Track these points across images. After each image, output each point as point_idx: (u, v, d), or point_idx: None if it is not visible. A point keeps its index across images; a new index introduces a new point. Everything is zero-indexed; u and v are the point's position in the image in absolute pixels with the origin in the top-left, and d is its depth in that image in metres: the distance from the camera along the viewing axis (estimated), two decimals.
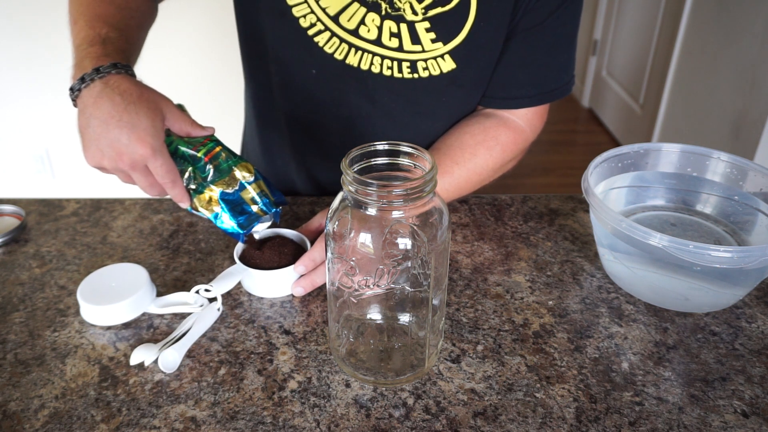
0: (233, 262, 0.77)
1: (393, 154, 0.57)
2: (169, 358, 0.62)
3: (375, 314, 0.62)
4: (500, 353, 0.64)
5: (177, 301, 0.70)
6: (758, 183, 0.74)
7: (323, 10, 0.78)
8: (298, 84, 0.86)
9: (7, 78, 2.25)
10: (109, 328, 0.67)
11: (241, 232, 0.70)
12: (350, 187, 0.52)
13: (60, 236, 0.82)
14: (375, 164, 0.56)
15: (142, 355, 0.62)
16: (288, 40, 0.83)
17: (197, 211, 0.71)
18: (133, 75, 0.68)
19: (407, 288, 0.57)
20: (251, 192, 0.71)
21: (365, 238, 0.54)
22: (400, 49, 0.79)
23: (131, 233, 0.83)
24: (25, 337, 0.66)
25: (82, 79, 0.65)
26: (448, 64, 0.80)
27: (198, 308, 0.68)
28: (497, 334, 0.66)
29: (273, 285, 0.71)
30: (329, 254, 0.57)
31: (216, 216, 0.70)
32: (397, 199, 0.51)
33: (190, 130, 0.70)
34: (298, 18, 0.79)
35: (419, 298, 0.58)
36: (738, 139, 2.12)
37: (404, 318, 0.61)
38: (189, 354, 0.64)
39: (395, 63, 0.80)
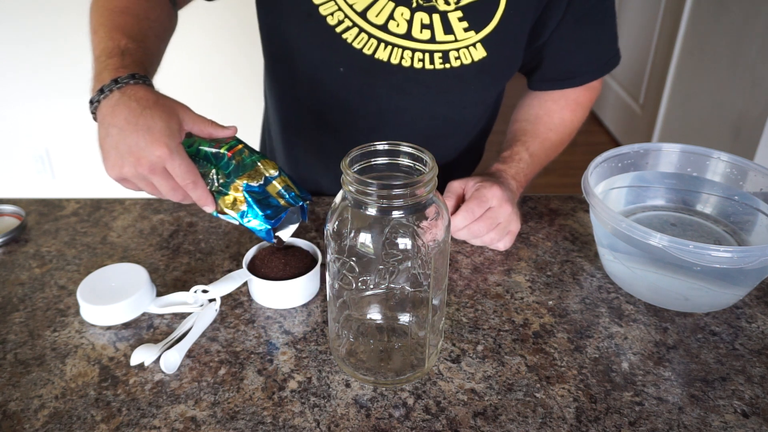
0: (234, 262, 0.77)
1: (393, 154, 0.57)
2: (170, 358, 0.62)
3: (375, 314, 0.62)
4: (500, 353, 0.64)
5: (177, 301, 0.70)
6: (758, 183, 0.74)
7: (350, 6, 0.79)
8: (326, 83, 0.87)
9: (7, 78, 2.25)
10: (109, 328, 0.67)
11: (269, 226, 0.68)
12: (350, 187, 0.52)
13: (60, 236, 0.82)
14: (375, 164, 0.56)
15: (142, 355, 0.62)
16: (315, 40, 0.83)
17: (223, 214, 0.69)
18: (150, 85, 0.67)
19: (407, 288, 0.57)
20: (277, 186, 0.70)
21: (365, 238, 0.54)
22: (431, 40, 0.80)
23: (131, 233, 0.83)
24: (25, 337, 0.66)
25: (101, 91, 0.65)
26: (480, 53, 0.81)
27: (198, 308, 0.68)
28: (497, 334, 0.66)
29: (275, 296, 0.70)
30: (329, 254, 0.57)
31: (243, 214, 0.68)
32: (397, 199, 0.51)
33: (212, 131, 0.68)
34: (325, 16, 0.80)
35: (419, 298, 0.58)
36: (738, 139, 2.12)
37: (404, 318, 0.61)
38: (189, 354, 0.64)
39: (426, 55, 0.81)
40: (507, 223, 0.77)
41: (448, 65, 0.82)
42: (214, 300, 0.69)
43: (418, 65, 0.82)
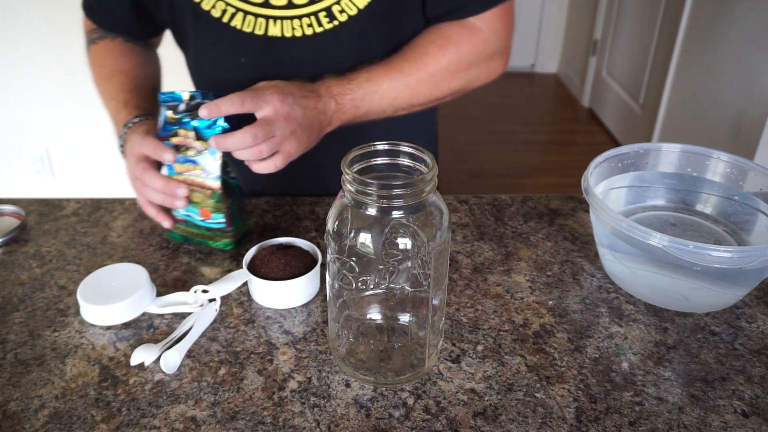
0: (234, 262, 0.77)
1: (393, 154, 0.57)
2: (170, 358, 0.62)
3: (375, 314, 0.62)
4: (500, 353, 0.64)
5: (177, 301, 0.70)
6: (758, 183, 0.74)
7: None
8: (236, 79, 0.86)
9: (8, 78, 2.25)
10: (109, 328, 0.67)
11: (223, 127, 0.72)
12: (350, 187, 0.52)
13: (60, 236, 0.83)
14: (375, 164, 0.56)
15: (142, 355, 0.62)
16: (210, 38, 0.85)
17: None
18: (151, 119, 0.81)
19: (407, 288, 0.57)
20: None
21: (365, 238, 0.54)
22: (311, 2, 0.80)
23: (131, 233, 0.83)
24: (25, 337, 0.66)
25: (121, 137, 0.81)
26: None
27: (198, 308, 0.68)
28: (497, 334, 0.66)
29: (275, 296, 0.70)
30: (329, 254, 0.57)
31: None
32: (397, 199, 0.51)
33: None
34: (208, 11, 0.81)
35: (419, 298, 0.58)
36: (738, 139, 2.12)
37: (404, 318, 0.61)
38: (189, 354, 0.64)
39: (312, 18, 0.81)
40: (281, 140, 0.71)
41: (336, 22, 0.81)
42: (214, 300, 0.69)
43: (309, 31, 0.81)
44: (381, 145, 0.56)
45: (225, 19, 0.82)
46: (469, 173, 2.93)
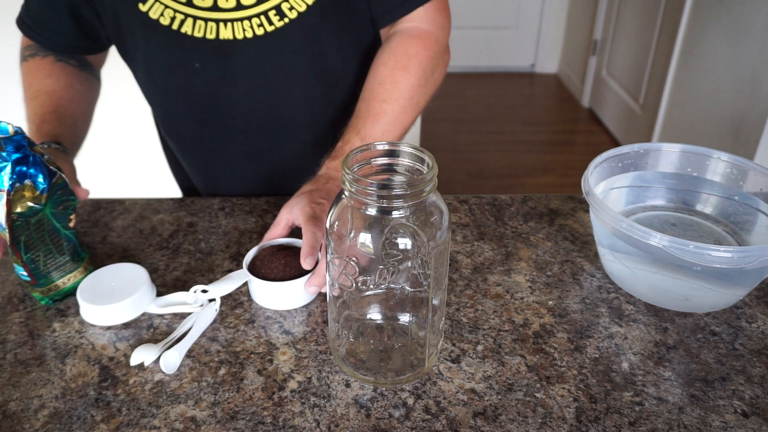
0: (233, 262, 0.77)
1: (393, 154, 0.57)
2: (170, 359, 0.62)
3: (375, 314, 0.62)
4: (500, 353, 0.64)
5: (177, 301, 0.70)
6: (758, 183, 0.74)
7: (175, 0, 0.79)
8: (189, 85, 0.87)
9: (8, 78, 2.25)
10: (109, 328, 0.67)
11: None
12: (350, 187, 0.52)
13: None
14: (375, 164, 0.56)
15: (142, 355, 0.62)
16: (161, 47, 0.84)
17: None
18: (62, 149, 0.83)
19: (407, 288, 0.57)
20: None
21: (365, 238, 0.54)
22: (259, 2, 0.80)
23: (131, 233, 0.83)
24: (25, 337, 0.66)
25: None
26: None
27: (198, 308, 0.68)
28: (497, 334, 0.66)
29: (274, 297, 0.69)
30: (329, 254, 0.57)
31: None
32: (397, 199, 0.51)
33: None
34: (157, 19, 0.81)
35: (419, 298, 0.58)
36: (738, 139, 2.12)
37: (404, 318, 0.61)
38: (189, 354, 0.64)
39: (263, 17, 0.81)
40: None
41: (286, 19, 0.81)
42: (214, 300, 0.69)
43: (260, 31, 0.81)
44: (381, 145, 0.56)
45: (175, 27, 0.81)
46: (469, 173, 2.93)
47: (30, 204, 0.64)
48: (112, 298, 0.67)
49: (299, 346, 0.65)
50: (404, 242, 0.53)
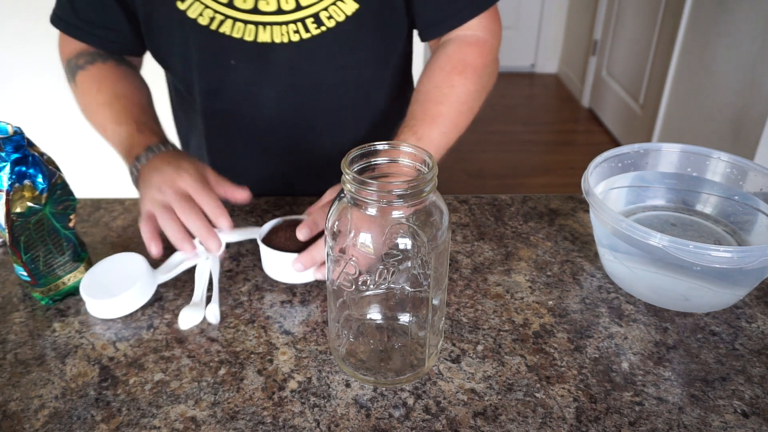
0: (234, 262, 0.77)
1: (392, 154, 0.57)
2: (214, 311, 0.67)
3: (375, 314, 0.62)
4: (500, 353, 0.64)
5: (179, 260, 0.73)
6: (758, 183, 0.74)
7: (215, 0, 0.79)
8: (224, 83, 0.87)
9: (8, 78, 2.25)
10: (108, 328, 0.67)
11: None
12: (350, 187, 0.52)
13: None
14: (375, 164, 0.56)
15: (188, 319, 0.67)
16: (198, 45, 0.84)
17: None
18: (175, 148, 0.80)
19: (407, 288, 0.57)
20: None
21: (365, 238, 0.54)
22: (298, 8, 0.80)
23: (131, 233, 0.83)
24: (25, 337, 0.66)
25: (138, 159, 0.78)
26: (350, 5, 0.80)
27: (204, 261, 0.73)
28: (497, 334, 0.66)
29: (274, 265, 0.72)
30: (329, 253, 0.57)
31: None
32: (397, 199, 0.51)
33: (227, 191, 0.76)
34: (195, 19, 0.81)
35: (419, 298, 0.58)
36: (738, 139, 2.12)
37: (404, 318, 0.61)
38: (189, 354, 0.64)
39: (300, 24, 0.81)
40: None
41: (324, 27, 0.81)
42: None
43: (295, 38, 0.82)
44: (381, 145, 0.56)
45: (213, 27, 0.81)
46: (469, 173, 2.93)
47: (29, 204, 0.64)
48: (120, 288, 0.68)
49: (299, 346, 0.65)
50: (404, 242, 0.53)
